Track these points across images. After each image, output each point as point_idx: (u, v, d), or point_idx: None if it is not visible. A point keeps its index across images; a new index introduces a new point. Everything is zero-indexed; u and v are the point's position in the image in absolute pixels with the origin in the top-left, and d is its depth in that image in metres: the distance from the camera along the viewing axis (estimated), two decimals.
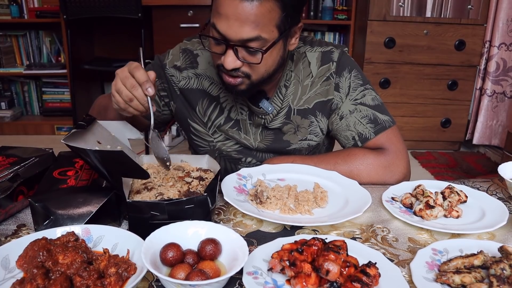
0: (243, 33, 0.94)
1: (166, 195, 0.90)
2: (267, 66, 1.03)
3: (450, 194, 1.00)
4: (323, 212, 0.96)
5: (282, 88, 1.18)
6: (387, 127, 1.17)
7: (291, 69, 1.18)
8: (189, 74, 1.21)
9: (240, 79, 1.03)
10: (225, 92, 1.19)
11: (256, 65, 1.00)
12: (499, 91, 3.37)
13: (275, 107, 1.18)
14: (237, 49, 0.97)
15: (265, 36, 0.96)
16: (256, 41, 0.96)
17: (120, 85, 0.94)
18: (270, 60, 1.03)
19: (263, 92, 1.16)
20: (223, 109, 1.22)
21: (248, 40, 0.95)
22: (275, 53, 1.03)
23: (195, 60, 1.22)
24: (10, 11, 3.55)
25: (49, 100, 3.89)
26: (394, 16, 3.18)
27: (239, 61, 0.99)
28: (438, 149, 3.55)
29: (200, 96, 1.22)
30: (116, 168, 0.85)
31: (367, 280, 0.67)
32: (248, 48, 0.97)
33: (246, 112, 1.21)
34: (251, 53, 0.98)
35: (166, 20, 3.35)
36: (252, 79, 1.04)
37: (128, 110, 0.97)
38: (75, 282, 0.67)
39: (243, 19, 0.93)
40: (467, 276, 0.71)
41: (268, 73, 1.05)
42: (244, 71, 1.01)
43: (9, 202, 0.89)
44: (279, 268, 0.71)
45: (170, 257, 0.71)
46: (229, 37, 0.95)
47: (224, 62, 0.98)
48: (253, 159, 1.26)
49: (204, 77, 1.21)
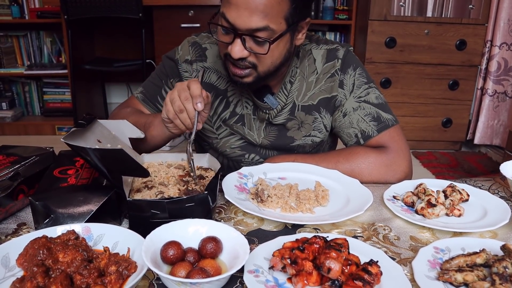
0: (252, 22, 0.95)
1: (166, 193, 0.90)
2: (273, 58, 1.04)
3: (452, 192, 0.99)
4: (325, 211, 0.96)
5: (287, 84, 1.19)
6: (390, 125, 1.17)
7: (296, 65, 1.18)
8: (198, 67, 1.22)
9: (247, 70, 1.04)
10: (232, 86, 1.20)
11: (262, 56, 1.01)
12: (500, 91, 3.37)
13: (280, 102, 1.19)
14: (244, 38, 0.98)
15: (273, 27, 0.97)
16: (264, 31, 0.97)
17: (175, 95, 0.97)
18: (277, 52, 1.03)
19: (268, 88, 1.17)
20: (229, 103, 1.22)
21: (256, 30, 0.97)
22: (282, 46, 1.03)
23: (204, 53, 1.23)
24: (11, 11, 3.55)
25: (50, 101, 3.89)
26: (395, 15, 3.18)
27: (246, 50, 1.00)
28: (439, 149, 3.54)
29: (207, 90, 1.21)
30: (116, 166, 0.84)
31: (368, 278, 0.67)
32: (256, 38, 0.98)
33: (250, 107, 1.21)
34: (258, 43, 0.99)
35: (166, 20, 3.35)
36: (258, 70, 1.04)
37: (175, 122, 0.99)
38: (75, 280, 0.67)
39: (253, 9, 0.94)
40: (469, 275, 0.71)
41: (274, 65, 1.06)
42: (250, 61, 1.02)
43: (9, 201, 0.89)
44: (280, 266, 0.71)
45: (170, 255, 0.71)
46: (237, 26, 0.97)
47: (231, 51, 0.99)
48: (257, 156, 1.26)
49: (213, 70, 1.22)
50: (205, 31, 1.26)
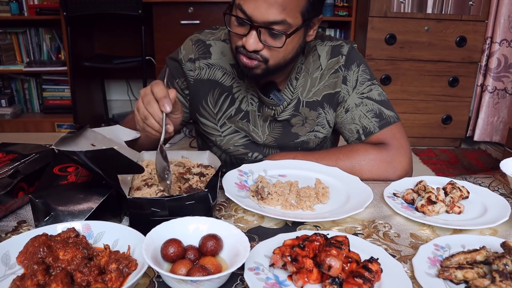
0: (270, 15, 0.96)
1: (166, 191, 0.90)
2: (286, 52, 1.04)
3: (452, 190, 0.99)
4: (325, 208, 0.96)
5: (292, 81, 1.19)
6: (392, 122, 1.18)
7: (301, 62, 1.19)
8: (201, 65, 1.22)
9: (257, 62, 1.04)
10: (238, 82, 1.20)
11: (275, 50, 1.01)
12: (500, 88, 3.36)
13: (286, 99, 1.19)
14: (260, 31, 0.99)
15: (290, 21, 0.98)
16: (281, 25, 0.97)
17: (139, 102, 0.95)
18: (290, 46, 1.04)
19: (275, 84, 1.17)
20: (234, 99, 1.22)
21: (273, 23, 0.97)
22: (296, 41, 1.04)
23: (208, 50, 1.22)
24: (10, 8, 3.54)
25: (50, 98, 3.88)
26: (395, 12, 3.17)
27: (261, 43, 1.00)
28: (439, 146, 3.54)
29: (211, 87, 1.22)
30: (109, 165, 0.83)
31: (369, 276, 0.67)
32: (272, 31, 0.98)
33: (256, 103, 1.21)
34: (274, 37, 1.00)
35: (166, 17, 3.34)
36: (269, 64, 1.04)
37: (146, 129, 0.96)
38: (75, 278, 0.67)
39: (272, 2, 0.95)
40: (470, 272, 0.71)
41: (285, 60, 1.06)
42: (263, 55, 1.02)
43: (9, 198, 0.89)
44: (281, 264, 0.71)
45: (171, 253, 0.71)
46: (254, 18, 0.97)
47: (246, 43, 0.99)
48: (260, 155, 1.26)
49: (217, 67, 1.22)
50: (208, 28, 1.26)
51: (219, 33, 1.24)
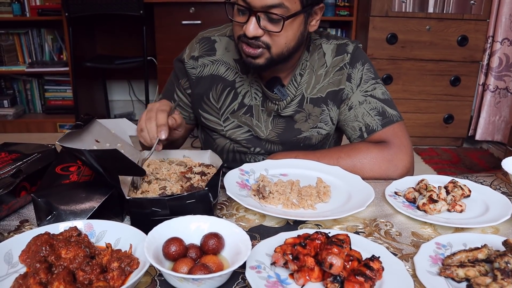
0: None
1: (169, 188, 0.90)
2: (287, 38, 1.05)
3: (453, 188, 0.99)
4: (326, 207, 0.96)
5: (297, 77, 1.20)
6: (395, 121, 1.19)
7: (306, 58, 1.20)
8: (204, 62, 1.23)
9: (260, 50, 1.05)
10: (241, 77, 1.22)
11: (276, 36, 1.03)
12: (502, 87, 3.35)
13: (289, 94, 1.19)
14: (259, 16, 1.01)
15: (288, 5, 1.00)
16: (279, 8, 1.00)
17: (143, 113, 1.04)
18: (291, 32, 1.05)
19: (279, 79, 1.18)
20: (237, 94, 1.23)
21: (271, 6, 0.99)
22: (296, 27, 1.05)
23: (213, 46, 1.24)
24: (12, 9, 3.54)
25: (52, 98, 3.89)
26: (396, 12, 3.17)
27: (261, 29, 1.02)
28: (441, 145, 3.54)
29: (214, 82, 1.24)
30: (112, 166, 0.84)
31: (370, 274, 0.67)
32: (271, 14, 1.00)
33: (259, 98, 1.22)
34: (273, 22, 1.02)
35: (167, 17, 3.34)
36: (272, 51, 1.06)
37: (139, 138, 1.05)
38: (77, 276, 0.67)
39: None
40: (471, 270, 0.71)
41: (287, 48, 1.07)
42: (264, 41, 1.04)
43: (11, 197, 0.89)
44: (282, 262, 0.71)
45: (172, 251, 0.71)
46: (253, 3, 0.99)
47: (246, 29, 1.02)
48: (262, 150, 1.26)
49: (221, 62, 1.23)
50: (212, 26, 1.28)
51: (224, 30, 1.26)
